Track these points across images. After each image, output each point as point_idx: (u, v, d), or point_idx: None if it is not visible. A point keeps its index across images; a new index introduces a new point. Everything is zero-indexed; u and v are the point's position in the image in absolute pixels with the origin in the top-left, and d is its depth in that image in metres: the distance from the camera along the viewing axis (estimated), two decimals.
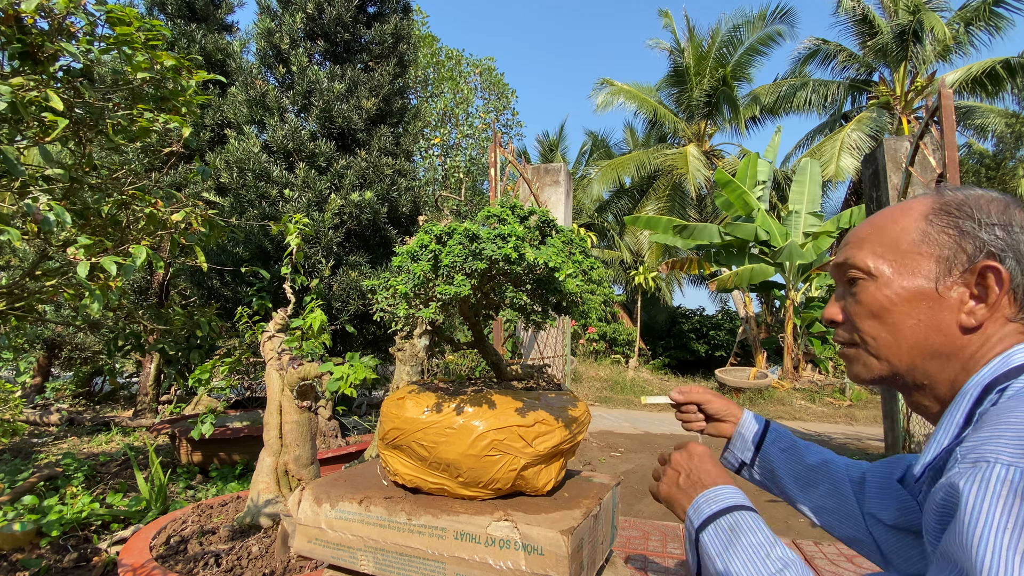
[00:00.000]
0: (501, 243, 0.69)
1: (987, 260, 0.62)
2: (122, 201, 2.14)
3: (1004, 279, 0.61)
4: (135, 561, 1.66)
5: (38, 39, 1.85)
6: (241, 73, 5.23)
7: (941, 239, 0.65)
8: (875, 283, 0.68)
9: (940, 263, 0.64)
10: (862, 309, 0.69)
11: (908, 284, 0.65)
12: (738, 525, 0.69)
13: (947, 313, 0.64)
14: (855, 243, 0.72)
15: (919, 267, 0.65)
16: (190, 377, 2.21)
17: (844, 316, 0.73)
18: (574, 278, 0.74)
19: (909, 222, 0.68)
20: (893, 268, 0.67)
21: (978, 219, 0.64)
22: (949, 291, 0.64)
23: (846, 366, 0.74)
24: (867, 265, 0.69)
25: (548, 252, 0.71)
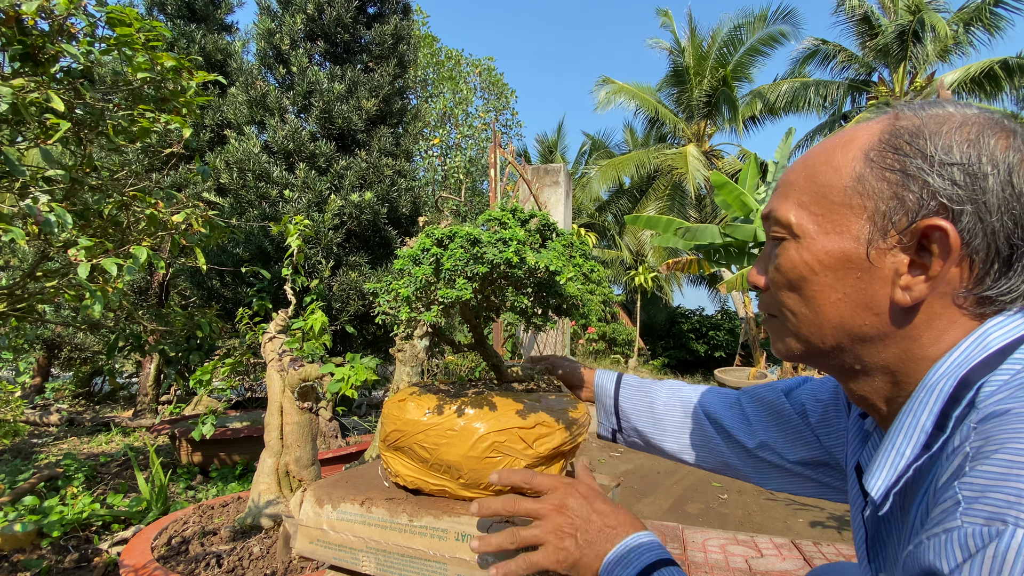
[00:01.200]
0: (502, 247, 0.69)
1: (933, 217, 0.46)
2: (123, 202, 2.14)
3: (952, 243, 0.45)
4: (136, 562, 1.66)
5: (39, 40, 1.85)
6: (241, 74, 5.24)
7: (879, 187, 0.48)
8: (796, 244, 0.53)
9: (874, 220, 0.48)
10: (780, 277, 0.55)
11: (833, 247, 0.50)
12: None
13: (879, 287, 0.48)
14: (781, 188, 0.56)
15: (848, 225, 0.49)
16: (190, 378, 2.21)
17: (766, 282, 0.59)
18: (574, 281, 0.74)
19: (845, 161, 0.50)
20: (818, 225, 0.51)
21: (932, 157, 0.46)
22: (882, 258, 0.48)
23: (770, 338, 0.61)
24: (788, 220, 0.53)
25: (549, 256, 0.71)
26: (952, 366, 0.46)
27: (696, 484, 4.11)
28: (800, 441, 0.82)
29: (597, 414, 1.03)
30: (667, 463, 4.69)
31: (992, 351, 0.45)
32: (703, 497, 3.83)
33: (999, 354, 0.44)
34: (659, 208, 16.48)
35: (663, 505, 3.68)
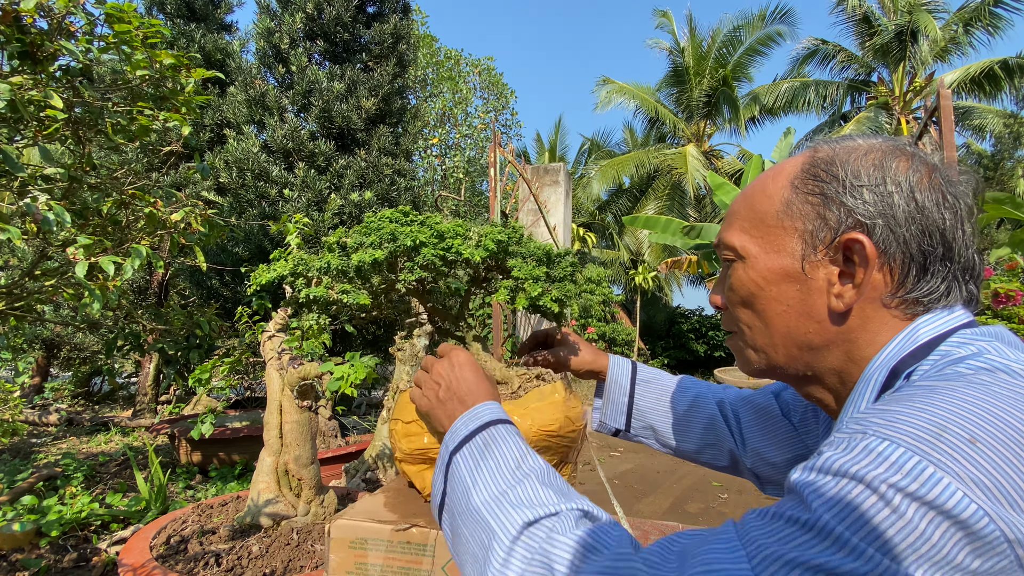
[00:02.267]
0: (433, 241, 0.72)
1: (851, 231, 0.52)
2: (122, 201, 2.13)
3: (869, 253, 0.51)
4: (135, 561, 1.66)
5: (37, 38, 1.84)
6: (240, 73, 5.23)
7: (805, 209, 0.55)
8: (743, 265, 0.59)
9: (804, 238, 0.55)
10: (734, 295, 0.61)
11: (774, 264, 0.57)
12: (492, 439, 0.61)
13: (817, 296, 0.55)
14: (728, 218, 0.63)
15: (783, 244, 0.56)
16: (189, 377, 2.21)
17: (723, 301, 0.65)
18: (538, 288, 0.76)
19: (776, 189, 0.58)
20: (759, 246, 0.58)
21: (844, 181, 0.53)
22: (816, 271, 0.55)
23: (734, 356, 0.67)
24: (734, 244, 0.60)
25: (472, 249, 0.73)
26: (886, 359, 0.52)
27: (696, 484, 4.11)
28: (786, 443, 0.83)
29: (603, 406, 0.97)
30: (667, 463, 4.69)
31: (920, 344, 0.51)
32: (703, 496, 3.83)
33: (926, 346, 0.51)
34: (659, 208, 16.48)
35: (663, 505, 3.68)
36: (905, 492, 0.36)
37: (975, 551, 0.35)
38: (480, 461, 0.60)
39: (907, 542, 0.35)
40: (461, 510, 0.58)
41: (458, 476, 0.61)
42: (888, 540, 0.36)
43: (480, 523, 0.54)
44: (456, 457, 0.62)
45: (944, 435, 0.38)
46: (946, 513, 0.35)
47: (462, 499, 0.58)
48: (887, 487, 0.36)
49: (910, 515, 0.36)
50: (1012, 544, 0.35)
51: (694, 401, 0.93)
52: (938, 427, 0.38)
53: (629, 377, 0.96)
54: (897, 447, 0.38)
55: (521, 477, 0.56)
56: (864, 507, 0.37)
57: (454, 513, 0.59)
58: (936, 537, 0.35)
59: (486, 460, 0.60)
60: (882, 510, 0.36)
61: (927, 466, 0.36)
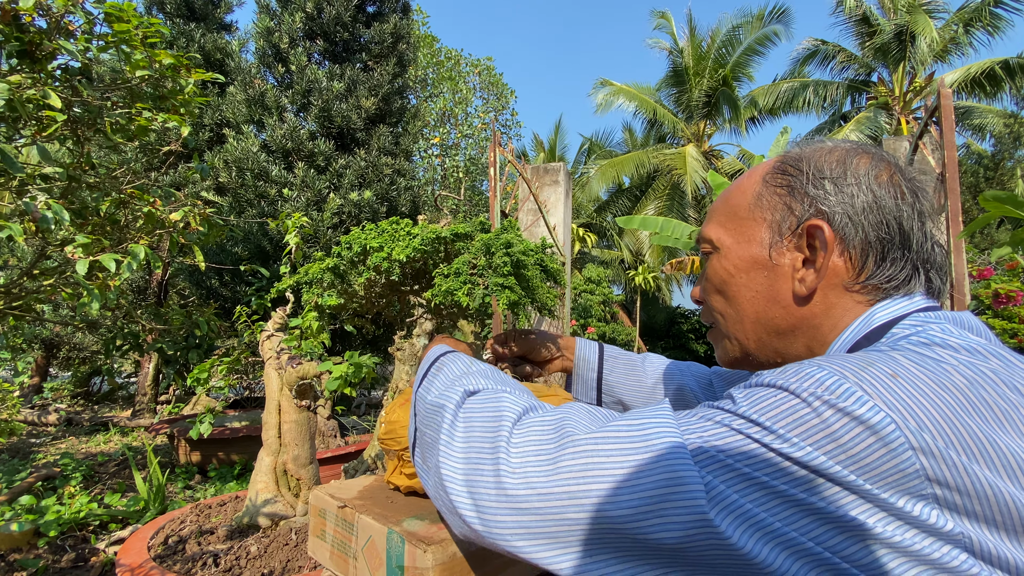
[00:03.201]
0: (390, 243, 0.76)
1: (813, 219, 0.57)
2: (120, 200, 2.13)
3: (828, 238, 0.55)
4: (133, 561, 1.65)
5: (36, 37, 1.84)
6: (240, 72, 5.23)
7: (772, 200, 0.60)
8: (718, 256, 0.64)
9: (772, 227, 0.60)
10: (709, 284, 0.66)
11: (743, 253, 0.61)
12: (443, 364, 0.69)
13: (783, 282, 0.59)
14: (708, 215, 0.69)
15: (753, 234, 0.61)
16: (188, 377, 2.20)
17: (701, 293, 0.69)
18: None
19: (749, 185, 0.64)
20: (732, 237, 0.63)
21: (808, 174, 0.59)
22: (782, 257, 0.59)
23: (714, 349, 0.71)
24: (710, 236, 0.65)
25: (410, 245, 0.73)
26: (843, 343, 0.56)
27: None
28: None
29: (573, 388, 0.99)
30: None
31: (874, 327, 0.54)
32: None
33: (880, 328, 0.53)
34: (658, 208, 16.48)
35: None
36: (824, 400, 0.40)
37: (883, 456, 0.38)
38: (434, 378, 0.66)
39: (818, 436, 0.39)
40: (423, 417, 0.63)
41: (419, 400, 0.66)
42: (803, 431, 0.40)
43: (435, 410, 0.60)
44: (418, 391, 0.68)
45: (869, 368, 0.42)
46: (858, 418, 0.38)
47: (423, 410, 0.64)
48: (809, 394, 0.41)
49: (826, 416, 0.39)
50: (916, 452, 0.37)
51: (662, 374, 0.96)
52: (865, 363, 0.43)
53: (596, 353, 0.98)
54: (823, 370, 0.42)
55: (466, 373, 0.63)
56: (785, 405, 0.41)
57: (420, 430, 0.63)
58: (846, 437, 0.38)
59: (438, 376, 0.66)
60: (801, 408, 0.40)
61: (849, 385, 0.40)
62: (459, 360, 0.68)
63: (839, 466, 0.38)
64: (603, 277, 15.06)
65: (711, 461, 0.42)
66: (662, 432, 0.44)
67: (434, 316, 0.98)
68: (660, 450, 0.43)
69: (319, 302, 0.88)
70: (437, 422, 0.58)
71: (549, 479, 0.46)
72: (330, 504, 0.90)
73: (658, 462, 0.42)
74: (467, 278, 0.80)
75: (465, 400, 0.58)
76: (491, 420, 0.53)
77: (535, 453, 0.48)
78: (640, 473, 0.43)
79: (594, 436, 0.47)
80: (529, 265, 0.85)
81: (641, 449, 0.44)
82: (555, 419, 0.51)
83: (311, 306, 0.92)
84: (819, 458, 0.39)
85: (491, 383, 0.60)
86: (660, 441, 0.44)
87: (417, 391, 0.69)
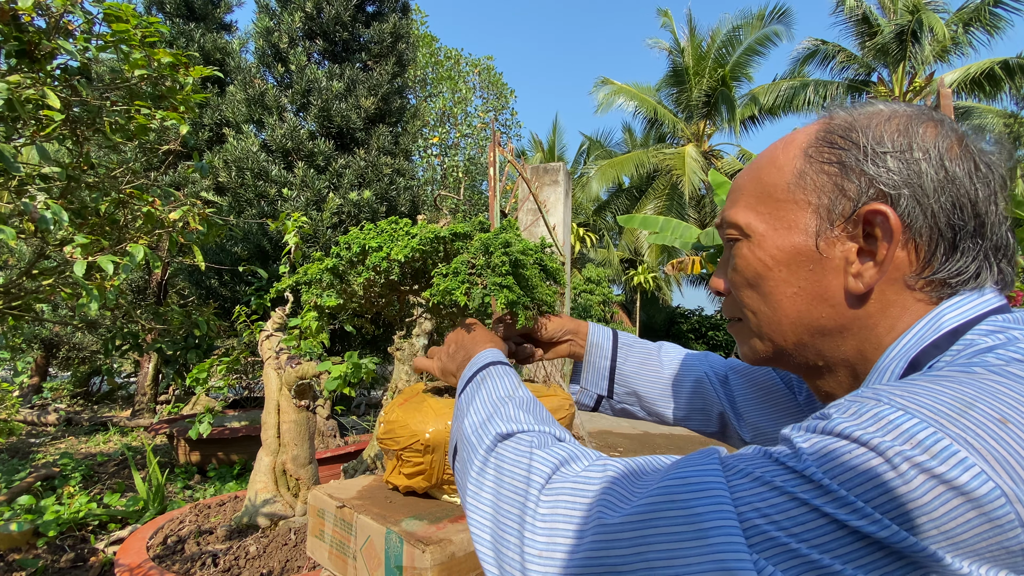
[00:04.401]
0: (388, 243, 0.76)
1: (873, 203, 0.47)
2: (120, 200, 2.13)
3: (893, 226, 0.46)
4: (132, 561, 1.65)
5: (35, 37, 1.84)
6: (240, 72, 5.23)
7: (820, 180, 0.50)
8: (749, 244, 0.54)
9: (819, 212, 0.50)
10: (738, 276, 0.56)
11: (783, 242, 0.51)
12: (487, 376, 0.65)
13: (832, 277, 0.49)
14: (732, 194, 0.58)
15: (795, 220, 0.51)
16: (187, 377, 2.20)
17: (726, 286, 0.60)
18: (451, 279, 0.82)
19: (787, 160, 0.52)
20: (767, 223, 0.53)
21: (865, 147, 0.48)
22: (832, 248, 0.49)
23: (737, 343, 0.62)
24: (738, 221, 0.55)
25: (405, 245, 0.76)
26: (904, 348, 0.47)
27: None
28: (789, 417, 0.78)
29: (583, 376, 0.91)
30: None
31: (944, 332, 0.45)
32: None
33: (951, 334, 0.45)
34: (657, 208, 16.48)
35: None
36: (914, 462, 0.32)
37: (985, 533, 0.31)
38: (474, 395, 0.63)
39: (905, 508, 0.32)
40: (459, 437, 0.61)
41: (458, 411, 0.65)
42: (884, 502, 0.32)
43: (468, 444, 0.57)
44: (460, 398, 0.67)
45: (970, 412, 0.34)
46: (958, 488, 0.31)
47: (458, 429, 0.62)
48: (895, 453, 0.33)
49: (916, 484, 0.32)
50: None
51: (679, 364, 0.88)
52: (964, 404, 0.34)
53: (611, 340, 0.90)
54: (912, 418, 0.34)
55: (505, 401, 0.59)
56: (863, 467, 0.33)
57: (457, 447, 0.61)
58: (940, 511, 0.31)
59: (479, 393, 0.63)
60: (884, 471, 0.33)
61: (943, 438, 0.32)
62: (504, 380, 0.64)
63: (929, 543, 0.32)
64: (603, 277, 15.06)
65: (769, 545, 0.34)
66: (712, 511, 0.36)
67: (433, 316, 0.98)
68: (710, 538, 0.36)
69: (318, 302, 0.88)
70: (469, 456, 0.56)
71: (577, 571, 0.40)
72: (328, 504, 0.90)
73: (706, 553, 0.36)
74: (465, 277, 0.79)
75: (497, 445, 0.53)
76: (520, 478, 0.48)
77: (563, 534, 0.42)
78: (686, 567, 0.36)
79: (631, 521, 0.39)
80: (528, 264, 0.85)
81: (687, 535, 0.37)
82: (589, 490, 0.44)
83: (310, 306, 0.91)
84: (905, 537, 0.32)
85: (528, 421, 0.55)
86: (710, 525, 0.36)
87: (460, 397, 0.67)
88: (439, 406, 0.92)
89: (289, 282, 0.94)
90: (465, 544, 0.77)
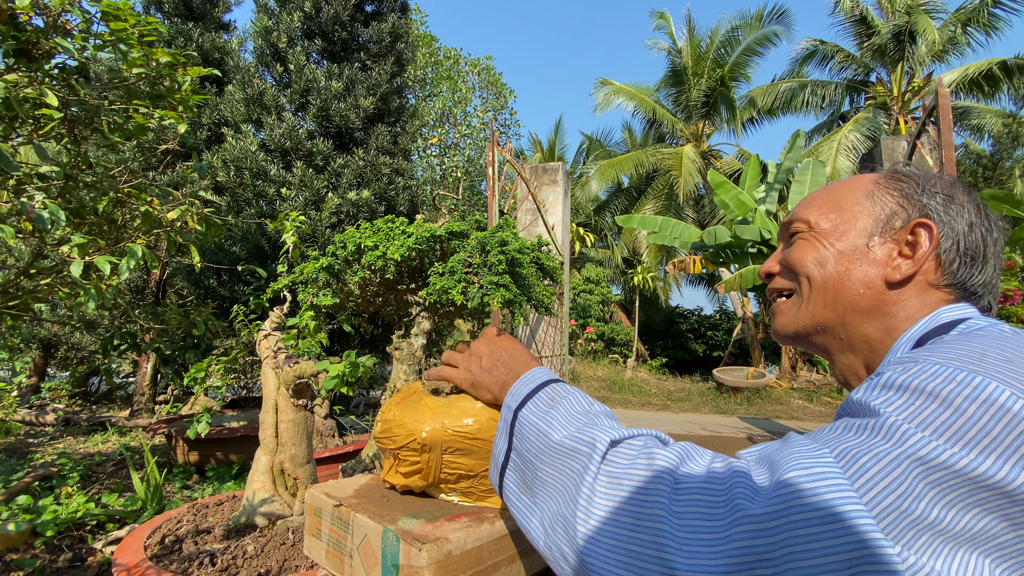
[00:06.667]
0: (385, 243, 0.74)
1: (922, 218, 0.65)
2: (118, 199, 2.13)
3: (935, 235, 0.63)
4: (129, 561, 1.65)
5: (33, 36, 1.84)
6: (238, 72, 5.22)
7: (884, 199, 0.68)
8: (812, 234, 0.71)
9: (877, 221, 0.67)
10: (802, 257, 0.71)
11: (843, 237, 0.68)
12: (557, 393, 0.67)
13: (874, 268, 0.66)
14: (805, 203, 0.75)
15: (856, 223, 0.68)
16: (185, 376, 2.20)
17: (781, 267, 0.75)
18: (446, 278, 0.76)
19: (859, 184, 0.71)
20: (832, 223, 0.70)
21: (923, 186, 0.67)
22: (880, 248, 0.66)
23: (770, 320, 0.76)
24: (808, 219, 0.72)
25: (395, 246, 0.71)
26: (912, 334, 0.62)
27: None
28: None
29: None
30: None
31: (941, 323, 0.60)
32: None
33: (947, 325, 0.60)
34: (656, 208, 16.49)
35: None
36: (962, 395, 0.42)
37: None
38: (550, 410, 0.64)
39: (970, 434, 0.41)
40: (539, 452, 0.61)
41: (529, 427, 0.64)
42: (954, 433, 0.41)
43: (564, 453, 0.57)
44: (523, 412, 0.66)
45: (985, 358, 0.45)
46: (999, 406, 0.41)
47: (538, 442, 0.61)
48: (947, 391, 0.43)
49: (971, 412, 0.41)
50: None
51: None
52: (979, 354, 0.46)
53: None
54: (947, 366, 0.45)
55: (595, 415, 0.61)
56: (928, 409, 0.43)
57: (528, 459, 0.62)
58: (993, 428, 0.41)
59: (556, 409, 0.64)
60: (945, 411, 0.42)
61: (975, 376, 0.43)
62: (580, 396, 0.66)
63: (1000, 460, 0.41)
64: (601, 277, 15.06)
65: (901, 519, 0.41)
66: (838, 497, 0.42)
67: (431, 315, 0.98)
68: (841, 521, 0.41)
69: (315, 301, 0.87)
70: (568, 467, 0.55)
71: (728, 562, 0.43)
72: (326, 503, 0.90)
73: (843, 536, 0.40)
74: (462, 276, 0.79)
75: (609, 451, 0.54)
76: (645, 481, 0.49)
77: (704, 530, 0.45)
78: (825, 550, 0.40)
79: (772, 511, 0.43)
80: (525, 263, 0.85)
81: (821, 520, 0.41)
82: (719, 487, 0.47)
83: (307, 305, 0.91)
84: (973, 456, 0.41)
85: (627, 429, 0.58)
86: (841, 510, 0.41)
87: (520, 413, 0.66)
88: (436, 405, 0.92)
89: (286, 281, 0.94)
90: (462, 542, 0.77)
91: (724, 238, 8.96)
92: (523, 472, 0.61)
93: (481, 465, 0.89)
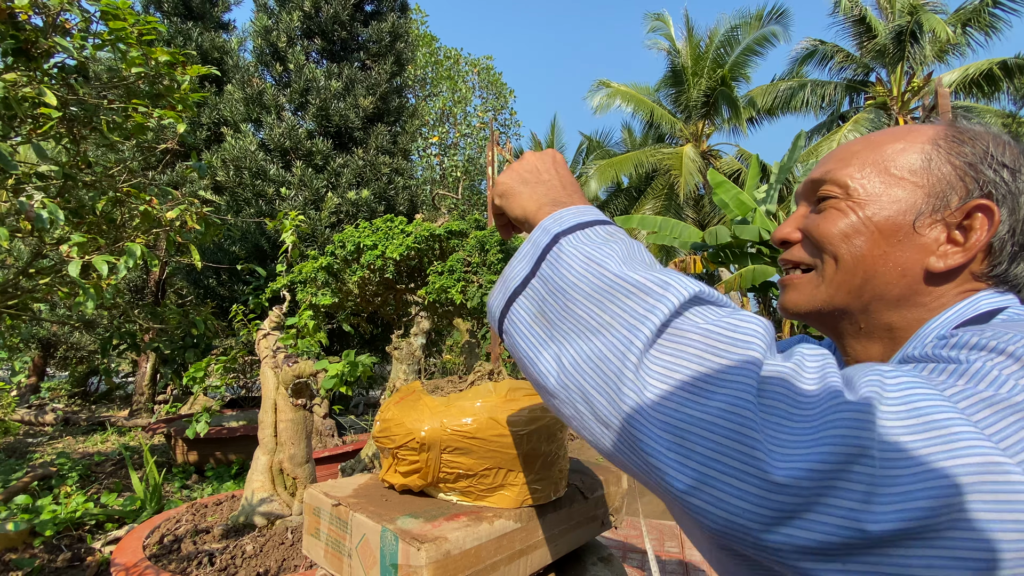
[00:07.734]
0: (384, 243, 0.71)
1: (982, 199, 0.53)
2: (117, 198, 2.12)
3: (995, 221, 0.52)
4: (128, 560, 1.65)
5: (32, 35, 1.83)
6: (238, 71, 5.22)
7: (943, 169, 0.55)
8: (847, 203, 0.58)
9: (930, 197, 0.55)
10: (826, 230, 0.58)
11: (884, 212, 0.56)
12: (615, 233, 0.53)
13: (916, 253, 0.55)
14: (840, 157, 0.61)
15: (903, 196, 0.56)
16: (184, 376, 2.20)
17: (802, 235, 0.62)
18: None
19: (911, 143, 0.58)
20: (874, 191, 0.57)
21: (991, 154, 0.54)
22: (927, 229, 0.54)
23: (780, 294, 0.64)
24: (845, 183, 0.59)
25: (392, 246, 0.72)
26: (946, 320, 0.54)
27: None
28: None
29: None
30: None
31: (980, 312, 0.53)
32: None
33: (985, 315, 0.52)
34: (656, 208, 16.49)
35: (662, 504, 3.68)
36: None
37: None
38: (606, 243, 0.51)
39: None
40: (580, 281, 0.49)
41: (573, 255, 0.51)
42: None
43: (623, 290, 0.46)
44: (567, 238, 0.52)
45: None
46: None
47: (585, 271, 0.49)
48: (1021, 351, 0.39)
49: None
50: None
51: None
52: None
53: None
54: (1008, 333, 0.41)
55: (666, 271, 0.48)
56: (1008, 368, 0.38)
57: (560, 288, 0.49)
58: None
59: (613, 244, 0.51)
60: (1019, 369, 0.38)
61: None
62: (643, 247, 0.54)
63: None
64: None
65: None
66: (956, 433, 0.37)
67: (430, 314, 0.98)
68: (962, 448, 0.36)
69: (313, 301, 0.87)
70: (624, 307, 0.45)
71: (819, 435, 0.37)
72: (324, 502, 0.90)
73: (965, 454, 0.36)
74: (461, 275, 0.79)
75: (690, 308, 0.44)
76: (732, 343, 0.41)
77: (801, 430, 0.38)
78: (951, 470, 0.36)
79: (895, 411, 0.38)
80: None
81: (938, 440, 0.37)
82: (815, 366, 0.41)
83: (306, 305, 0.91)
84: None
85: (699, 287, 0.46)
86: (964, 444, 0.36)
87: (564, 238, 0.53)
88: (435, 404, 0.92)
89: (284, 281, 0.93)
90: (460, 542, 0.77)
91: (724, 238, 8.96)
92: (544, 302, 0.51)
93: (480, 464, 0.89)
